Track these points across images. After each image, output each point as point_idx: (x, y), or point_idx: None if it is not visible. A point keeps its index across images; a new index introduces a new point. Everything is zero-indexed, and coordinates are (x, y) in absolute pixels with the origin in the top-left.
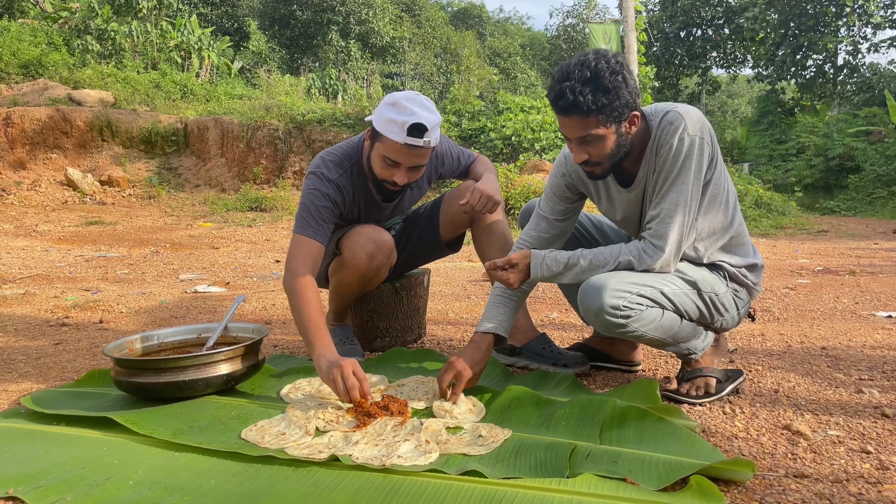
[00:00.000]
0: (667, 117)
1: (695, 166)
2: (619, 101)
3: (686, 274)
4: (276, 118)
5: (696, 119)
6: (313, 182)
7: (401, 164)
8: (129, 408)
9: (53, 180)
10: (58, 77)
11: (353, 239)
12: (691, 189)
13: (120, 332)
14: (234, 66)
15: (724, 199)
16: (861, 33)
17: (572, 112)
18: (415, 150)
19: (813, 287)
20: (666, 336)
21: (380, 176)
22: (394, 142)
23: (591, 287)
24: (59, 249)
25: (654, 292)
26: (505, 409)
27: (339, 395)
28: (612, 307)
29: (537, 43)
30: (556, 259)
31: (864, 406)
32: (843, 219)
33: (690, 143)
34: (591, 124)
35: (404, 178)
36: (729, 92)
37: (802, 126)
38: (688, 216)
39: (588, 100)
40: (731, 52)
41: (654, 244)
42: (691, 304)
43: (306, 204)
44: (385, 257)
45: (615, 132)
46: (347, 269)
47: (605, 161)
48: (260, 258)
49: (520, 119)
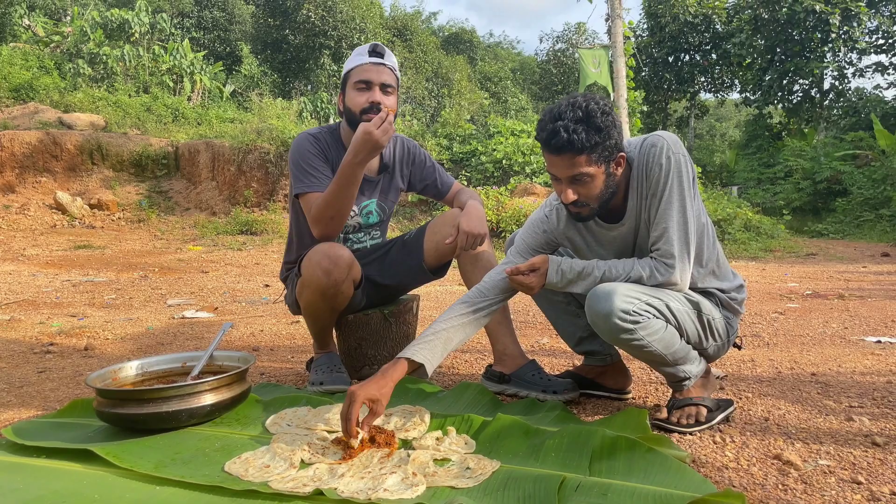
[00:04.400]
0: (648, 141)
1: (686, 183)
2: (609, 141)
3: (690, 294)
4: (268, 141)
5: (675, 140)
6: (296, 144)
7: (372, 83)
8: (111, 439)
9: (42, 204)
10: (49, 101)
11: (310, 258)
12: (687, 204)
13: (105, 360)
14: (226, 89)
15: (705, 221)
16: (847, 59)
17: (565, 150)
18: (379, 66)
19: (802, 311)
20: (667, 352)
21: (358, 108)
22: (360, 65)
23: (601, 292)
24: (46, 274)
25: (661, 304)
26: (494, 440)
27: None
28: (622, 311)
29: (528, 67)
30: (572, 267)
31: (854, 434)
32: (831, 241)
33: (677, 163)
34: (582, 163)
35: (378, 95)
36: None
37: (790, 150)
38: (691, 231)
39: (581, 138)
40: (718, 77)
41: (666, 263)
42: (691, 325)
43: (298, 162)
44: (343, 272)
45: (604, 172)
46: (308, 289)
47: (592, 202)
48: (249, 282)
49: (510, 143)
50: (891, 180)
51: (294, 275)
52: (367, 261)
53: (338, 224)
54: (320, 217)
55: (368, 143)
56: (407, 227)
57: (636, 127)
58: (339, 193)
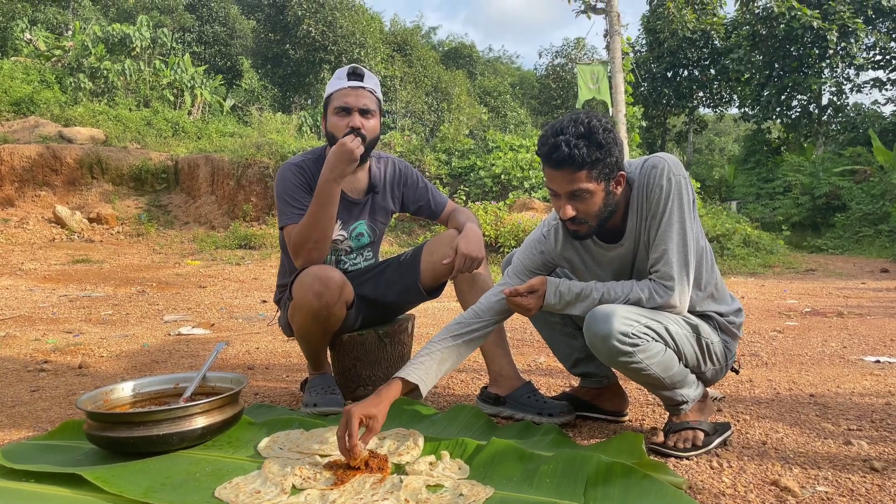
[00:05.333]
0: (649, 162)
1: (686, 206)
2: (610, 158)
3: (689, 318)
4: (267, 156)
5: (676, 162)
6: (280, 175)
7: (351, 108)
8: (101, 463)
9: (41, 218)
10: (49, 115)
11: (300, 280)
12: (687, 227)
13: (99, 378)
14: (227, 103)
15: (704, 245)
16: (844, 74)
17: (566, 165)
18: (358, 90)
19: (801, 329)
20: (665, 375)
21: (340, 133)
22: (339, 89)
23: (600, 313)
24: (43, 289)
25: (660, 327)
26: (488, 465)
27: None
28: (621, 333)
29: (527, 82)
30: (570, 288)
31: (852, 459)
32: (830, 257)
33: (678, 185)
34: (582, 178)
35: (357, 120)
36: (716, 130)
37: (789, 165)
38: (691, 254)
39: (583, 153)
40: (717, 92)
41: (665, 285)
42: (689, 348)
43: (281, 195)
44: (335, 294)
45: (604, 189)
46: (299, 312)
47: (591, 219)
48: (247, 298)
49: (509, 157)
50: (889, 196)
51: (287, 297)
52: (362, 280)
53: (320, 250)
54: (302, 243)
55: (343, 155)
56: (405, 241)
57: (635, 142)
58: (318, 214)
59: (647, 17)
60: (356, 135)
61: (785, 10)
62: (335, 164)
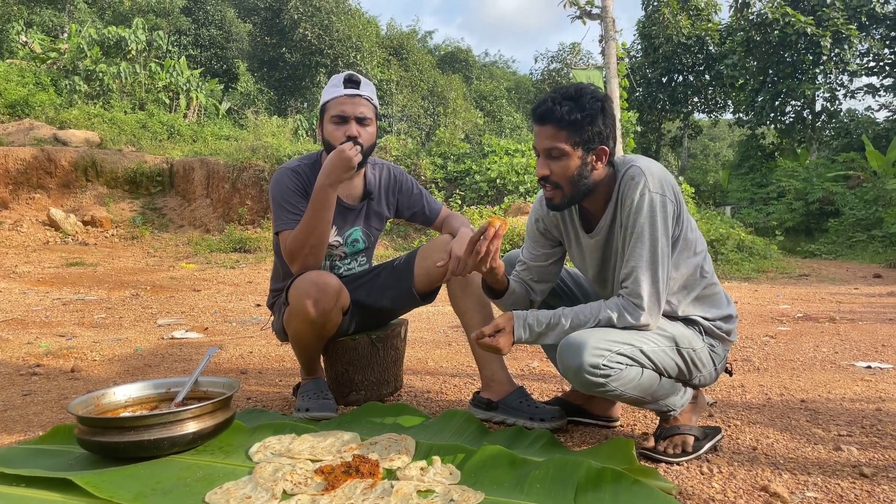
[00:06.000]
0: (629, 172)
1: (660, 223)
2: (591, 126)
3: (664, 329)
4: (262, 159)
5: (658, 175)
6: (276, 179)
7: (348, 117)
8: (92, 467)
9: (36, 220)
10: (44, 117)
11: (297, 286)
12: (660, 245)
13: (91, 382)
14: (223, 106)
15: (692, 252)
16: (838, 80)
17: (546, 120)
18: (355, 98)
19: (793, 335)
20: (645, 395)
21: (336, 143)
22: (335, 97)
23: (571, 345)
24: (36, 292)
25: (634, 350)
26: (478, 470)
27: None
28: (591, 366)
29: (522, 87)
30: (538, 319)
31: (842, 465)
32: (823, 262)
33: (651, 201)
34: (560, 138)
35: (354, 128)
36: (710, 135)
37: (782, 170)
38: (661, 271)
39: (564, 110)
40: (711, 98)
41: (634, 303)
42: (670, 361)
43: (277, 199)
44: (331, 300)
45: (580, 157)
46: (295, 318)
47: (564, 184)
48: (241, 301)
49: (505, 162)
50: (882, 201)
51: (281, 302)
52: (356, 285)
53: (316, 256)
54: (298, 249)
55: (342, 163)
56: (401, 244)
57: (630, 147)
58: (314, 219)
59: (643, 22)
60: (354, 143)
61: (779, 17)
62: (332, 170)
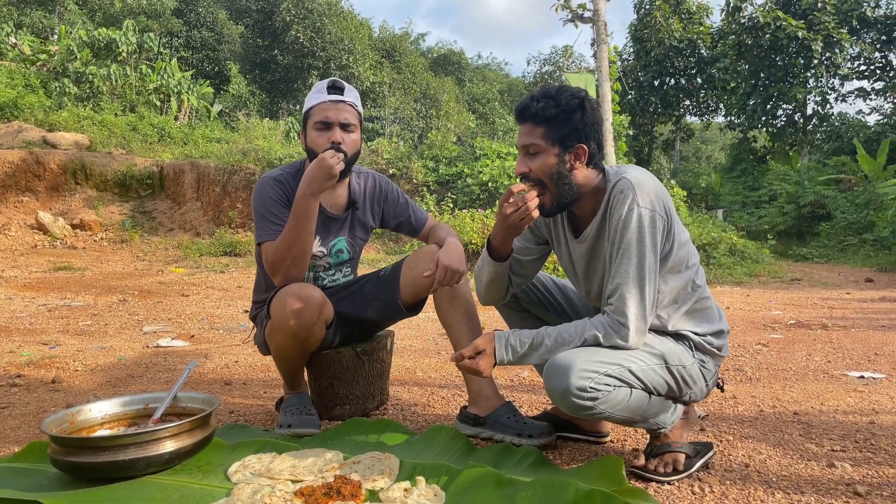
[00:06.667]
0: (619, 185)
1: (648, 240)
2: (567, 122)
3: (653, 347)
4: (253, 162)
5: (648, 189)
6: (257, 189)
7: (332, 123)
8: (65, 488)
9: (24, 224)
10: (33, 119)
11: (279, 299)
12: (647, 262)
13: (72, 394)
14: (214, 109)
15: (684, 266)
16: (829, 84)
17: (525, 117)
18: (339, 104)
19: (785, 343)
20: (634, 415)
21: (320, 150)
22: (319, 103)
23: (557, 367)
24: (22, 297)
25: (622, 371)
26: (464, 491)
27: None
28: (578, 389)
29: (515, 89)
30: (521, 339)
31: (836, 483)
32: (815, 266)
33: (639, 217)
34: (536, 134)
35: (338, 135)
36: (703, 138)
37: (774, 174)
38: (648, 288)
39: (538, 106)
40: (703, 101)
41: (619, 321)
42: (659, 380)
43: (259, 210)
44: (314, 314)
45: (556, 155)
46: (278, 332)
47: (548, 183)
48: (229, 307)
49: (496, 165)
50: (874, 205)
51: (263, 315)
52: (341, 297)
53: (299, 267)
54: (281, 260)
55: (322, 171)
56: (392, 247)
57: (622, 150)
58: (296, 230)
59: (635, 25)
60: (337, 150)
61: (770, 21)
62: (313, 179)
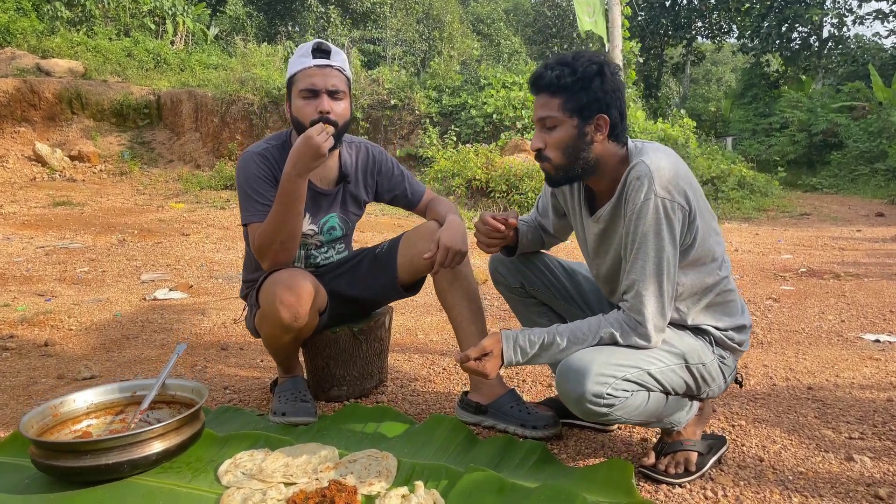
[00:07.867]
0: (636, 169)
1: (666, 232)
2: (585, 92)
3: (673, 345)
4: (252, 92)
5: (667, 175)
6: (241, 164)
7: (319, 90)
8: (47, 489)
9: (22, 155)
10: (26, 45)
11: (268, 289)
12: (665, 255)
13: (64, 360)
14: (211, 32)
15: (710, 259)
16: (846, 6)
17: (540, 88)
18: (325, 69)
19: (797, 297)
20: (650, 418)
21: (307, 119)
22: (303, 69)
23: (572, 369)
24: (21, 238)
25: (641, 374)
26: (465, 498)
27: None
28: (594, 395)
29: (521, 9)
30: (530, 339)
31: (855, 482)
32: (825, 197)
33: (656, 206)
34: (554, 106)
35: (327, 103)
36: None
37: (786, 100)
38: (666, 283)
39: (553, 75)
40: (716, 22)
41: (636, 319)
42: (678, 380)
43: (243, 188)
44: (306, 305)
45: (576, 126)
46: (267, 323)
47: (558, 158)
48: (229, 252)
49: (501, 96)
50: (887, 134)
51: (254, 301)
52: (335, 275)
53: (288, 251)
54: (268, 245)
55: (309, 150)
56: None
57: (631, 79)
58: (283, 213)
59: None
60: (326, 122)
61: None
62: (299, 158)
